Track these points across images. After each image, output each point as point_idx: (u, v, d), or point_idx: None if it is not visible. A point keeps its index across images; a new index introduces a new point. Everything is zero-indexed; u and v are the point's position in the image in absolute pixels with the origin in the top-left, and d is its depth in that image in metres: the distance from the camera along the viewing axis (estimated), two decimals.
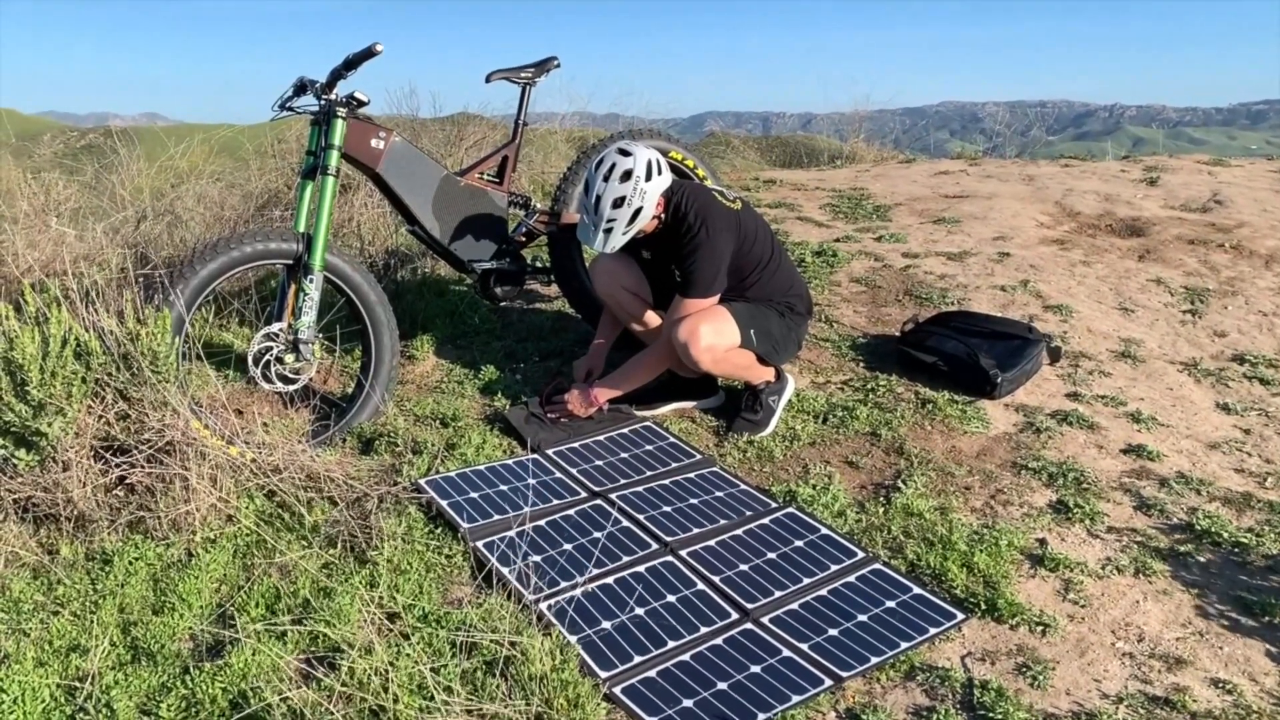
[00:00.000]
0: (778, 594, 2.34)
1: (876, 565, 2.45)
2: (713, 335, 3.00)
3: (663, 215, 3.05)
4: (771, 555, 2.50)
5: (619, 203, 2.95)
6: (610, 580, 2.39)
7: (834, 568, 2.44)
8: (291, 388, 3.11)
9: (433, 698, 1.86)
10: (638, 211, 2.97)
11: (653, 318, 3.36)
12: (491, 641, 2.01)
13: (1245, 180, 6.10)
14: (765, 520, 2.66)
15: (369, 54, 2.99)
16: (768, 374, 3.23)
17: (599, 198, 2.96)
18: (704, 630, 2.21)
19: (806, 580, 2.39)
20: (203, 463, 2.59)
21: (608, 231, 3.00)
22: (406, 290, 4.22)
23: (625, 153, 2.97)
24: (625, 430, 3.18)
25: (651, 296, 3.33)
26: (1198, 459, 3.07)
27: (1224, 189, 5.81)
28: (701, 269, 2.99)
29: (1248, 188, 5.88)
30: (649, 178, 2.95)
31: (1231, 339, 3.97)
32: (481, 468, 2.89)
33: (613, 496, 2.77)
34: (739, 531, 2.61)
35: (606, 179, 2.95)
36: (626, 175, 2.93)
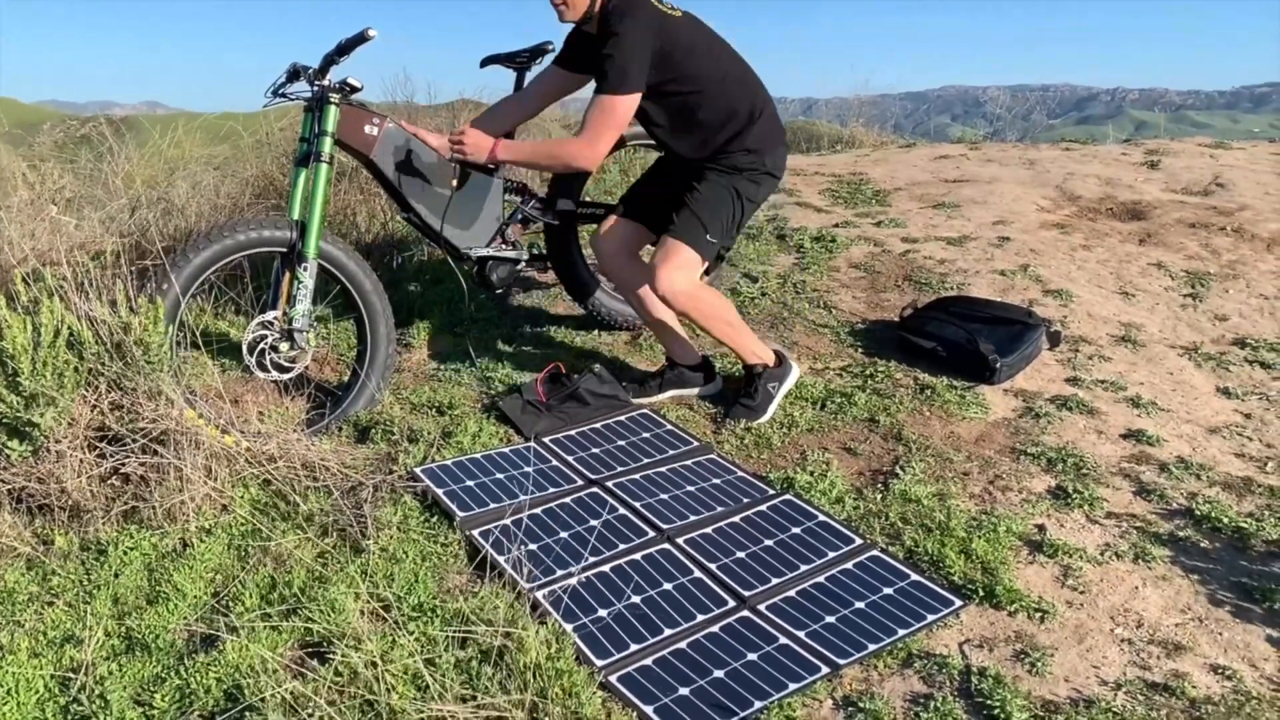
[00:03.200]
0: (775, 581, 2.33)
1: (874, 552, 2.44)
2: (677, 271, 2.98)
3: (595, 16, 2.97)
4: (769, 542, 2.49)
5: None
6: (606, 568, 2.38)
7: (831, 555, 2.43)
8: (286, 376, 3.09)
9: (427, 688, 1.85)
10: None
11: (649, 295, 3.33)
12: (486, 631, 2.00)
13: (1247, 163, 6.07)
14: (762, 507, 2.65)
15: (361, 39, 2.96)
16: (764, 356, 3.21)
17: None
18: (701, 618, 2.20)
19: (804, 567, 2.38)
20: (197, 452, 2.58)
21: None
22: (403, 278, 4.21)
23: None
24: (622, 418, 3.17)
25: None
26: (1198, 444, 3.06)
27: (1226, 172, 5.78)
28: (614, 62, 2.87)
29: (1250, 171, 5.85)
30: None
31: (1232, 323, 3.95)
32: (478, 456, 2.88)
33: (609, 484, 2.76)
34: (736, 519, 2.60)
35: None
36: None
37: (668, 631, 2.15)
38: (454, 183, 3.39)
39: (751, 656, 2.07)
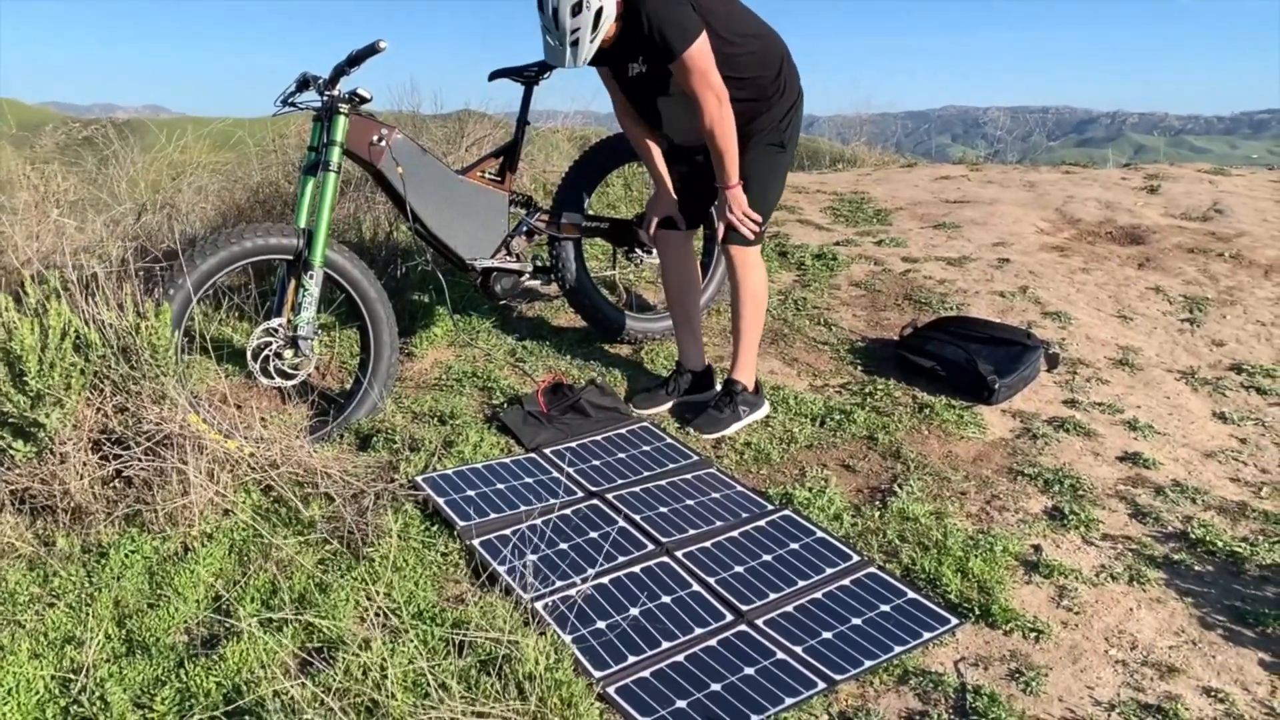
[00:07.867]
0: (773, 596, 2.35)
1: (871, 569, 2.46)
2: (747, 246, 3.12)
3: (621, 12, 2.86)
4: (767, 557, 2.50)
5: (577, 9, 2.78)
6: (606, 580, 2.39)
7: (829, 571, 2.44)
8: (290, 383, 3.11)
9: (428, 694, 1.86)
10: (599, 13, 2.80)
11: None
12: (487, 640, 2.01)
13: (1246, 190, 6.11)
14: (761, 522, 2.66)
15: (372, 51, 2.99)
16: (751, 376, 3.25)
17: (555, 10, 2.79)
18: (699, 631, 2.22)
19: (802, 583, 2.40)
20: (200, 456, 2.59)
21: (575, 44, 2.83)
22: (406, 287, 4.23)
23: None
24: (623, 430, 3.18)
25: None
26: (1194, 468, 3.08)
27: (1225, 198, 5.82)
28: (667, 24, 2.79)
29: (1248, 197, 5.89)
30: None
31: (1229, 348, 3.98)
32: (479, 466, 2.90)
33: (609, 496, 2.78)
34: (735, 533, 2.61)
35: None
36: None
37: (665, 644, 2.17)
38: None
39: (748, 671, 2.09)
